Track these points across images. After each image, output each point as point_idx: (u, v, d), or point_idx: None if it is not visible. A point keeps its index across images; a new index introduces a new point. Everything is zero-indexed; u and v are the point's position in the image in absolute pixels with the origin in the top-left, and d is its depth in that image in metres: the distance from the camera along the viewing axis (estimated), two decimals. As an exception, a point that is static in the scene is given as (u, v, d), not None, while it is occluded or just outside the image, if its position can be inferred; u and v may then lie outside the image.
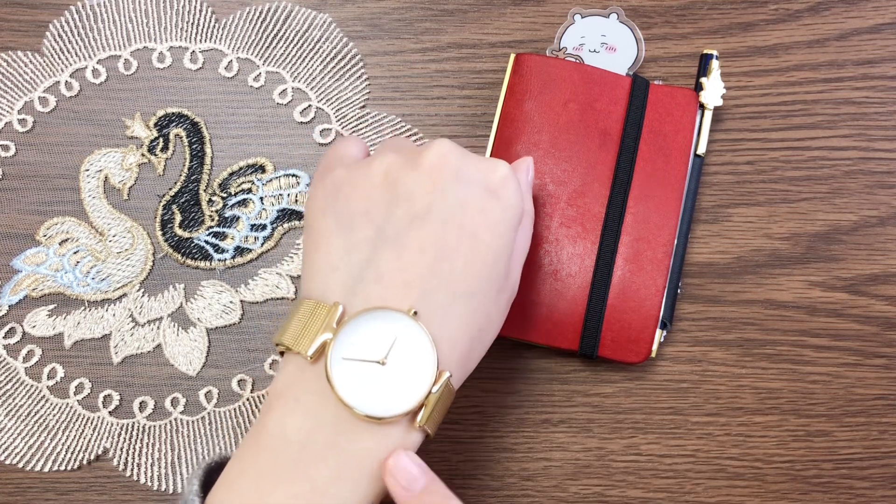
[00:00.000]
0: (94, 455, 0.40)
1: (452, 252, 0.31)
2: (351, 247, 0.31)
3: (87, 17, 0.44)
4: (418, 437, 0.30)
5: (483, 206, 0.32)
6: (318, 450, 0.29)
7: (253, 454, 0.29)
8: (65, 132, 0.43)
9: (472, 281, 0.31)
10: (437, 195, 0.31)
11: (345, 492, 0.29)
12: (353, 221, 0.32)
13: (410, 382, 0.29)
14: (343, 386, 0.29)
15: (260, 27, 0.44)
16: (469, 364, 0.32)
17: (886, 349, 0.42)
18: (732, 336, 0.42)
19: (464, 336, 0.31)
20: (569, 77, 0.41)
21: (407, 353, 0.29)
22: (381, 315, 0.29)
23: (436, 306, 0.30)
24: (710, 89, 0.42)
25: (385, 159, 0.32)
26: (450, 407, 0.31)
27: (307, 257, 0.33)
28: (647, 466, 0.41)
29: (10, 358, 0.41)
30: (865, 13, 0.45)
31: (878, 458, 0.41)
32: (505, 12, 0.45)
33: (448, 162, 0.32)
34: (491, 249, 0.31)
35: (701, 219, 0.43)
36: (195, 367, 0.41)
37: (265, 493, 0.28)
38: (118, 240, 0.42)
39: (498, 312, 0.33)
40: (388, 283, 0.30)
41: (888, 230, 0.43)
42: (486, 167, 0.33)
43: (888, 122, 0.44)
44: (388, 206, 0.31)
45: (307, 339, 0.30)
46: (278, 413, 0.30)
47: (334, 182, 0.33)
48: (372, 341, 0.29)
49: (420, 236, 0.30)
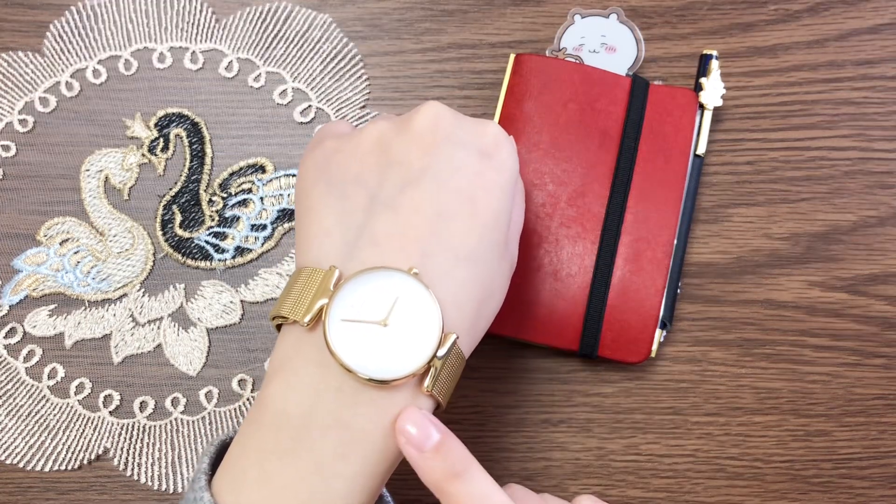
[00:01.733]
0: (94, 455, 0.40)
1: (450, 213, 0.29)
2: (345, 213, 0.30)
3: (88, 18, 0.44)
4: (427, 405, 0.29)
5: (478, 169, 0.30)
6: (321, 424, 0.27)
7: (254, 432, 0.28)
8: (65, 132, 0.43)
9: (473, 244, 0.29)
10: (430, 158, 0.30)
11: (351, 468, 0.27)
12: (346, 188, 0.30)
13: (414, 344, 0.28)
14: (343, 349, 0.27)
15: (260, 27, 0.44)
16: (476, 331, 0.31)
17: (886, 349, 0.42)
18: (732, 336, 0.42)
19: (469, 300, 0.29)
20: (569, 77, 0.41)
21: (409, 314, 0.28)
22: (381, 274, 0.28)
23: (437, 269, 0.29)
24: (710, 89, 0.42)
25: (376, 126, 0.32)
26: (460, 376, 0.30)
27: (300, 228, 0.32)
28: (647, 466, 0.41)
29: (11, 358, 0.41)
30: (865, 14, 0.45)
31: (877, 457, 0.41)
32: (505, 12, 0.45)
33: (440, 125, 0.31)
34: (490, 211, 0.30)
35: (701, 219, 0.43)
36: (195, 367, 0.41)
37: (269, 472, 0.27)
38: (118, 240, 0.42)
39: (500, 283, 0.32)
40: (386, 245, 0.29)
41: (888, 230, 0.43)
42: (478, 129, 0.32)
43: (888, 122, 0.44)
44: (382, 171, 0.30)
45: (303, 306, 0.28)
46: (278, 388, 0.28)
47: (324, 152, 0.32)
48: (372, 302, 0.28)
49: (415, 198, 0.29)
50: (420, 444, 0.27)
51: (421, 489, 0.28)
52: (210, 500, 0.27)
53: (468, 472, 0.28)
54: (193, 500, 0.28)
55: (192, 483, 0.29)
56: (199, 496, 0.28)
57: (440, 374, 0.28)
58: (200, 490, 0.28)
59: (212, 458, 0.29)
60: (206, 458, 0.29)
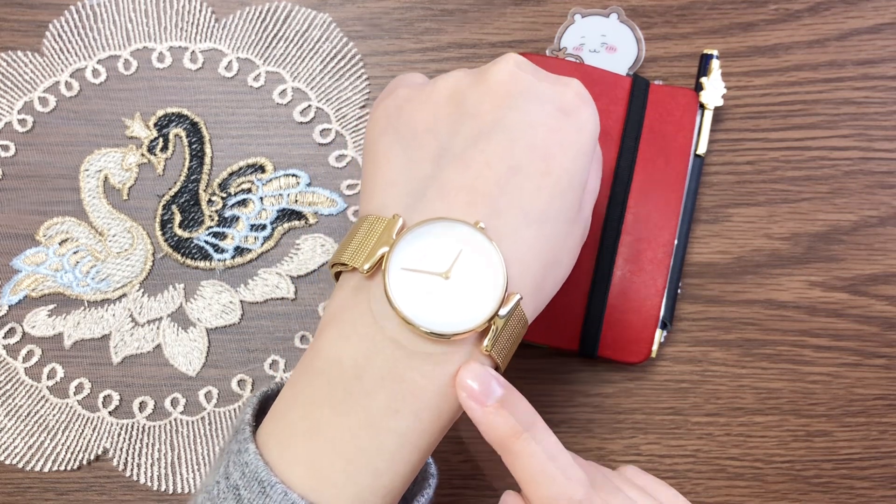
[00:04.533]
0: (93, 455, 0.40)
1: (522, 170, 0.28)
2: (412, 164, 0.29)
3: (87, 17, 0.44)
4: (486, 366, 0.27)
5: (556, 126, 0.29)
6: (375, 377, 0.26)
7: (305, 383, 0.27)
8: (65, 132, 0.43)
9: (544, 204, 0.28)
10: (504, 111, 0.28)
11: (403, 424, 0.26)
12: (416, 139, 0.29)
13: (476, 299, 0.27)
14: (402, 299, 0.26)
15: (260, 27, 0.44)
16: (542, 295, 0.29)
17: (886, 349, 0.42)
18: (732, 336, 0.42)
19: (536, 261, 0.28)
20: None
21: (473, 268, 0.27)
22: (446, 225, 0.27)
23: (505, 226, 0.27)
24: (711, 89, 0.42)
25: (451, 77, 0.30)
26: (521, 341, 0.29)
27: (365, 178, 0.30)
28: (647, 466, 0.41)
29: (10, 358, 0.41)
30: (865, 13, 0.45)
31: (877, 458, 0.41)
32: (505, 12, 0.45)
33: (518, 78, 0.29)
34: (566, 172, 0.28)
35: (701, 219, 0.43)
36: (195, 367, 0.41)
37: (317, 424, 0.26)
38: (118, 240, 0.42)
39: (570, 248, 0.30)
40: (453, 199, 0.27)
41: (888, 230, 0.43)
42: (559, 85, 0.30)
43: (888, 122, 0.44)
44: (454, 123, 0.29)
45: (363, 253, 0.27)
46: (332, 337, 0.27)
47: (396, 101, 0.31)
48: (434, 252, 0.27)
49: (487, 151, 0.28)
50: (482, 399, 0.26)
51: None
52: (255, 452, 0.26)
53: (534, 428, 0.27)
54: (237, 451, 0.27)
55: (234, 434, 0.28)
56: (243, 447, 0.26)
57: (500, 334, 0.27)
58: (245, 441, 0.27)
59: (255, 409, 0.29)
60: (250, 408, 0.28)
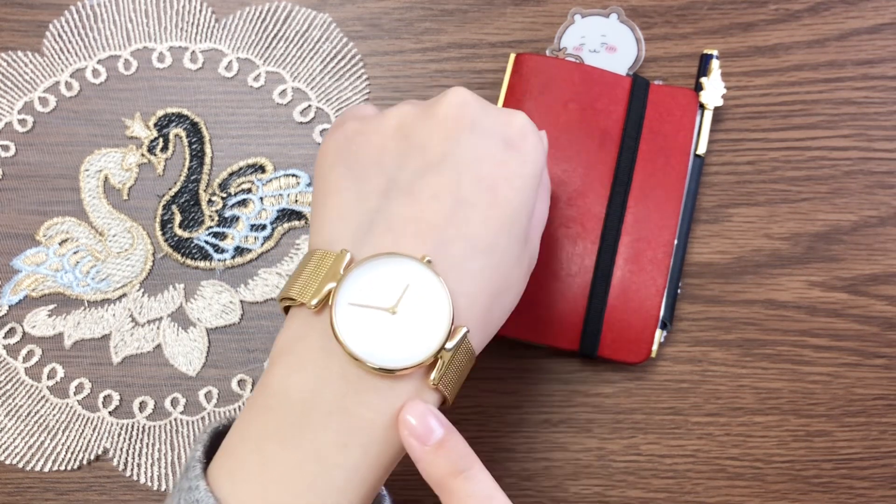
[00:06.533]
0: (94, 455, 0.40)
1: (469, 202, 0.29)
2: (361, 197, 0.29)
3: (87, 17, 0.44)
4: (433, 399, 0.28)
5: (501, 158, 0.30)
6: (323, 411, 0.27)
7: (254, 416, 0.28)
8: (65, 132, 0.43)
9: (491, 236, 0.29)
10: (451, 144, 0.29)
11: (352, 459, 0.27)
12: (365, 172, 0.30)
13: (423, 334, 0.27)
14: (349, 334, 0.27)
15: (260, 27, 0.44)
16: (489, 326, 0.30)
17: (886, 349, 0.42)
18: (732, 336, 0.42)
19: (483, 293, 0.29)
20: (569, 77, 0.41)
21: (419, 303, 0.27)
22: (392, 260, 0.27)
23: (451, 258, 0.28)
24: (711, 89, 0.42)
25: (399, 110, 0.31)
26: (469, 373, 0.29)
27: (315, 210, 0.31)
28: (647, 466, 0.41)
29: (10, 358, 0.41)
30: (865, 13, 0.45)
31: (877, 458, 0.41)
32: (505, 12, 0.45)
33: (464, 112, 0.30)
34: (510, 204, 0.29)
35: (701, 219, 0.43)
36: (195, 367, 0.41)
37: (267, 459, 0.27)
38: (118, 240, 0.42)
39: (518, 278, 0.31)
40: (400, 232, 0.28)
41: (888, 230, 0.43)
42: (503, 118, 0.31)
43: (888, 122, 0.44)
44: (402, 156, 0.30)
45: (311, 289, 0.28)
46: (281, 372, 0.28)
47: (346, 134, 0.31)
48: (381, 287, 0.27)
49: (434, 184, 0.28)
50: (422, 437, 0.27)
51: (423, 489, 0.28)
52: (206, 490, 0.26)
53: (471, 470, 0.27)
54: (188, 489, 0.27)
55: (185, 472, 0.28)
56: (194, 485, 0.27)
57: (447, 367, 0.27)
58: (196, 479, 0.27)
59: (206, 446, 0.29)
60: (201, 445, 0.29)
